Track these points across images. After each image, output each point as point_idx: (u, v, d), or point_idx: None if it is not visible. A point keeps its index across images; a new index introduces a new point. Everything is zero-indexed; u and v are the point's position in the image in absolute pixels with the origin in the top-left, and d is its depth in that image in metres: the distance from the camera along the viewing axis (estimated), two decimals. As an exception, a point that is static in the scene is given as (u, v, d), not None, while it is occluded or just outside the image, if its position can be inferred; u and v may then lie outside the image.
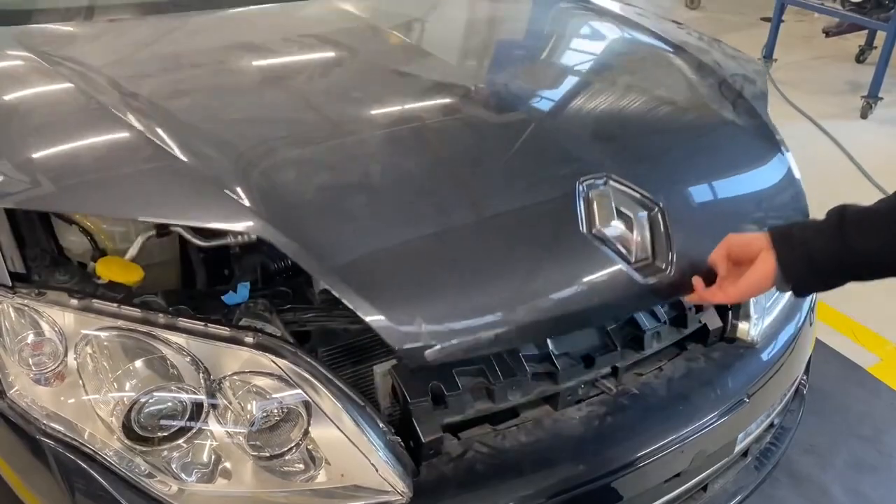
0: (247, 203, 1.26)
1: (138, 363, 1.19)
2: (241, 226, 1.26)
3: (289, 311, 1.37)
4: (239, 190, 1.28)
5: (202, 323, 1.22)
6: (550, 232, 1.40)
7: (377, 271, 1.25)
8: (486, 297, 1.27)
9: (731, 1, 7.59)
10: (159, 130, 1.38)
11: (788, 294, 1.74)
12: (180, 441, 1.17)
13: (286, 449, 1.18)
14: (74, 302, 1.21)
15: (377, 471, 1.17)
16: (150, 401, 1.17)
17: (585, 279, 1.34)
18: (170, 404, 1.18)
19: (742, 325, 1.59)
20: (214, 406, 1.19)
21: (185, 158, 1.32)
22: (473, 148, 1.55)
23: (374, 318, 1.18)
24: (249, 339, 1.20)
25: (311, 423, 1.18)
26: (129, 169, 1.33)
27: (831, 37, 5.83)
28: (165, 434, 1.17)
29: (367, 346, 1.40)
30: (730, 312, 1.60)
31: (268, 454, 1.18)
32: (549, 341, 1.37)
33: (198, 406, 1.18)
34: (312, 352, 1.31)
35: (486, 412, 1.32)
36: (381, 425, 1.22)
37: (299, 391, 1.19)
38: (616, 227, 1.39)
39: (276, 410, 1.19)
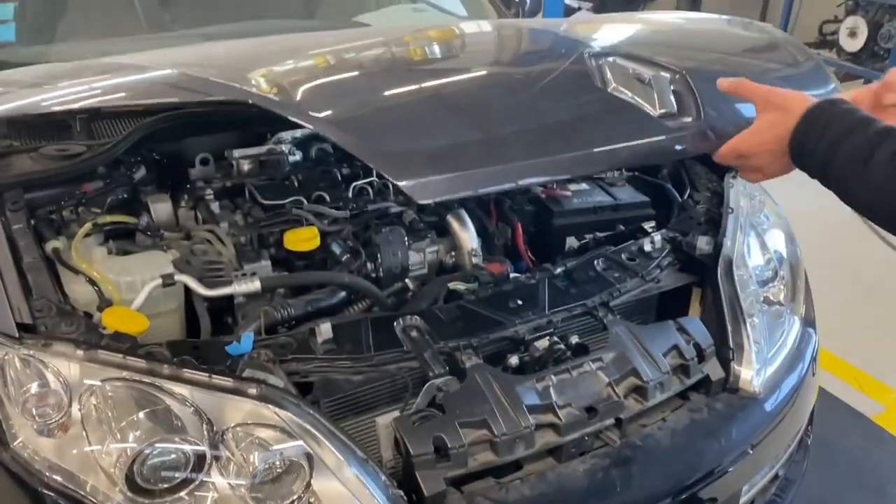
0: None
1: (142, 414, 1.20)
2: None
3: (292, 362, 1.37)
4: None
5: (206, 374, 1.22)
6: (564, 88, 1.45)
7: (379, 122, 1.35)
8: (490, 138, 1.31)
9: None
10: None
11: (791, 343, 1.75)
12: (182, 493, 1.16)
13: (288, 501, 1.17)
14: (80, 353, 1.22)
15: None
16: (154, 452, 1.17)
17: (603, 121, 1.37)
18: (173, 456, 1.17)
19: (745, 376, 1.59)
20: (217, 458, 1.18)
21: None
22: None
23: (372, 154, 1.23)
24: (252, 391, 1.21)
25: (314, 475, 1.18)
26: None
27: (828, 85, 5.90)
28: (168, 486, 1.16)
29: (370, 398, 1.40)
30: (732, 363, 1.60)
31: (270, 507, 1.17)
32: (551, 391, 1.37)
33: (200, 458, 1.18)
34: (315, 403, 1.31)
35: (489, 465, 1.31)
36: (383, 478, 1.21)
37: (301, 443, 1.19)
38: (634, 85, 1.40)
39: (278, 462, 1.19)
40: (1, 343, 1.24)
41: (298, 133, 2.03)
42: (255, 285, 1.51)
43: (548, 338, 1.49)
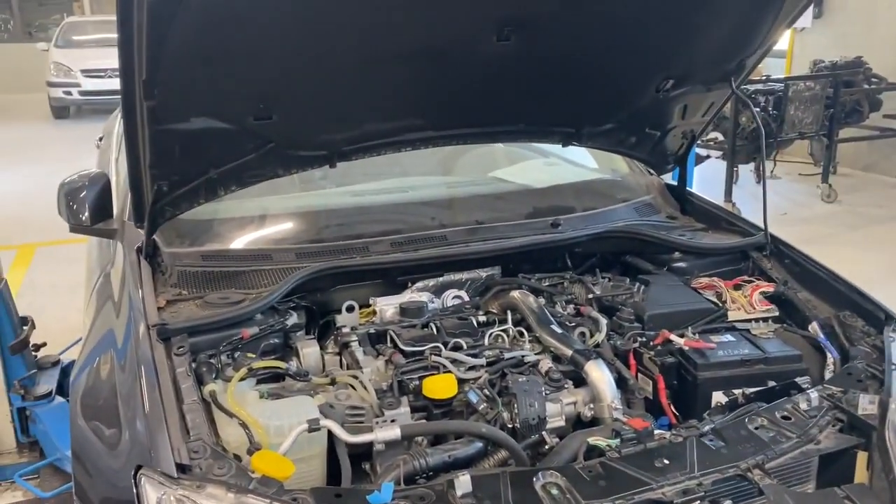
0: None
1: (283, 561, 1.20)
2: None
3: (431, 514, 1.35)
4: None
5: (347, 525, 1.22)
6: None
7: None
8: None
9: (870, 195, 7.43)
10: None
11: None
12: None
13: None
14: (230, 496, 1.26)
15: None
16: None
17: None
18: None
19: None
20: None
21: None
22: None
23: None
24: (392, 546, 1.19)
25: None
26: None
27: None
28: None
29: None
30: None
31: None
32: None
33: None
34: (454, 560, 1.27)
35: None
36: None
37: None
38: None
39: None
40: (161, 482, 1.30)
41: (436, 281, 2.11)
42: (395, 433, 1.52)
43: (698, 502, 1.40)
